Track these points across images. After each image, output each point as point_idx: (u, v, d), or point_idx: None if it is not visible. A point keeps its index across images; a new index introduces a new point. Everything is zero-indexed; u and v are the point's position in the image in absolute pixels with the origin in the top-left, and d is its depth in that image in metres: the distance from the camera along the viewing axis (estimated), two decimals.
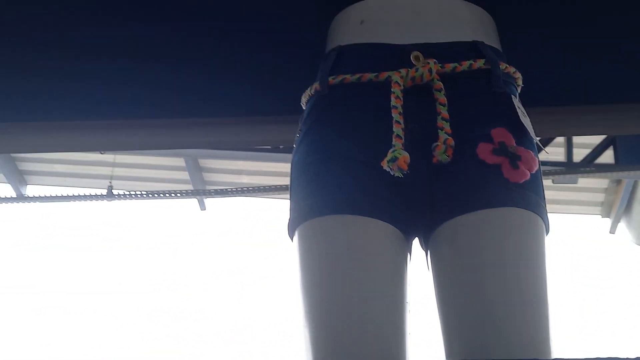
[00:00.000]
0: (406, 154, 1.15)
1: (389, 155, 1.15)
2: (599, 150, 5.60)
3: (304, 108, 1.39)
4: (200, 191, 7.16)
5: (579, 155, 5.79)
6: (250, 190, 6.82)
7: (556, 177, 5.86)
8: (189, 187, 7.42)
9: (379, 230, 1.20)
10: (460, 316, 1.14)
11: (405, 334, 1.17)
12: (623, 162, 5.56)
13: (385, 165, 1.16)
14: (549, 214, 1.26)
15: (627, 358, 0.91)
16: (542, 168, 1.27)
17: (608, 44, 1.62)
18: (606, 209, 7.07)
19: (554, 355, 1.11)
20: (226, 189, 6.95)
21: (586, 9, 1.52)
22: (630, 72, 1.68)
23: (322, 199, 1.22)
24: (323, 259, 1.18)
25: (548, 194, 1.29)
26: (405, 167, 1.15)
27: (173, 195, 6.60)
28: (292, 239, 1.26)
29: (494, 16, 1.39)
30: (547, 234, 1.23)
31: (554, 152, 5.71)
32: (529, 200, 1.20)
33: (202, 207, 8.10)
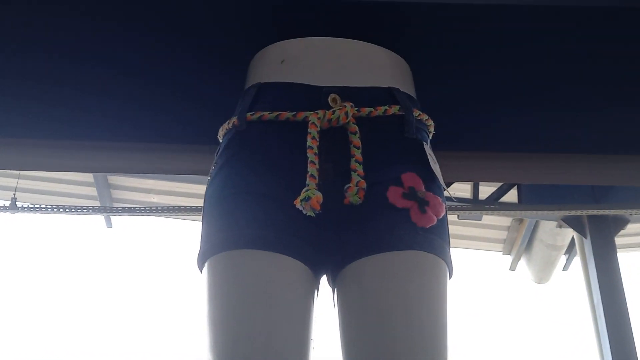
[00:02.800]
0: (319, 194, 1.18)
1: (302, 195, 1.17)
2: (504, 189, 5.75)
3: (220, 141, 1.40)
4: (108, 208, 7.01)
5: (484, 193, 5.94)
6: (159, 210, 6.71)
7: (462, 213, 6.00)
8: (96, 203, 7.29)
9: (287, 266, 1.21)
10: (362, 355, 1.17)
11: None
12: (526, 202, 5.73)
13: (298, 204, 1.18)
14: (454, 249, 1.30)
15: None
16: (449, 203, 1.32)
17: (513, 95, 1.68)
18: (508, 247, 7.24)
19: None
20: (134, 207, 6.82)
21: (496, 61, 1.58)
22: (532, 122, 1.75)
23: (233, 233, 1.23)
24: (230, 292, 1.19)
25: (453, 229, 1.35)
26: (318, 207, 1.17)
27: (79, 210, 6.44)
28: (200, 271, 1.27)
29: (409, 63, 1.44)
30: (450, 277, 1.28)
31: (461, 188, 5.84)
32: (434, 244, 1.24)
33: (109, 224, 7.94)
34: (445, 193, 1.36)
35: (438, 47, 1.52)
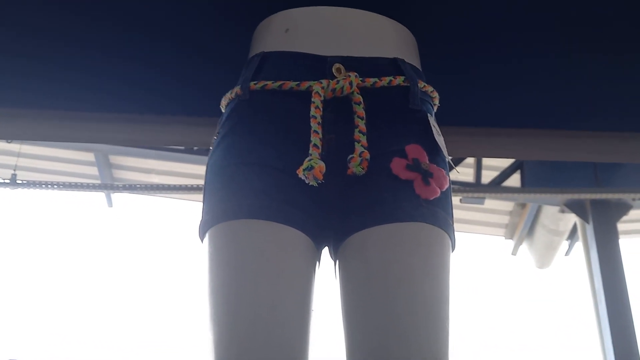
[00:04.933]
0: (322, 164, 1.16)
1: (305, 164, 1.16)
2: (506, 173, 5.75)
3: (223, 111, 1.38)
4: (108, 185, 7.02)
5: (487, 177, 5.94)
6: (159, 188, 6.72)
7: (464, 196, 6.00)
8: (98, 183, 7.29)
9: (289, 237, 1.20)
10: (365, 326, 1.16)
11: (309, 341, 1.18)
12: (529, 186, 5.73)
13: (300, 173, 1.17)
14: (455, 232, 1.29)
15: None
16: (452, 187, 1.31)
17: (520, 71, 1.67)
18: (510, 231, 7.25)
19: None
20: (135, 185, 6.82)
21: (503, 43, 1.57)
22: (538, 99, 1.74)
23: (235, 203, 1.22)
24: (232, 262, 1.18)
25: (455, 213, 1.33)
26: (321, 177, 1.16)
27: (79, 187, 6.42)
28: (202, 241, 1.26)
29: (415, 34, 1.43)
30: (452, 251, 1.27)
31: (464, 172, 5.84)
32: (438, 216, 1.23)
33: (109, 203, 7.95)
34: (452, 172, 1.35)
35: (444, 18, 1.51)
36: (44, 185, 5.88)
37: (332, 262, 1.29)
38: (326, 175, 1.17)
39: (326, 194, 1.22)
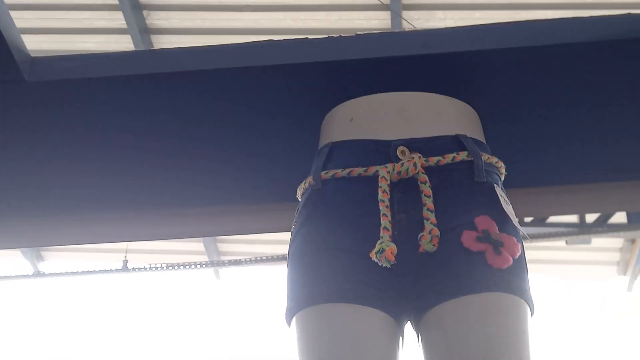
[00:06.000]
0: (393, 246, 1.23)
1: (377, 247, 1.23)
2: None
3: (299, 200, 1.47)
4: (215, 262, 7.23)
5: (591, 216, 5.83)
6: (264, 259, 6.88)
7: (569, 238, 5.89)
8: (204, 257, 7.51)
9: (370, 317, 1.25)
10: None
11: None
12: (635, 221, 5.59)
13: (373, 256, 1.23)
14: (564, 274, 1.31)
15: None
16: (556, 230, 1.33)
17: (591, 128, 1.67)
18: (622, 268, 7.07)
19: None
20: (240, 259, 7.01)
21: (569, 97, 1.59)
22: (613, 154, 1.74)
23: (316, 288, 1.28)
24: (317, 346, 1.24)
25: (563, 255, 1.34)
26: (392, 258, 1.22)
27: (188, 267, 6.66)
28: (289, 326, 1.33)
29: (475, 108, 1.48)
30: (532, 315, 1.29)
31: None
32: (512, 284, 1.26)
33: (217, 276, 8.18)
34: (524, 240, 1.38)
35: (503, 89, 1.53)
36: (154, 268, 6.10)
37: (415, 333, 1.33)
38: (399, 254, 1.24)
39: (401, 273, 1.27)
